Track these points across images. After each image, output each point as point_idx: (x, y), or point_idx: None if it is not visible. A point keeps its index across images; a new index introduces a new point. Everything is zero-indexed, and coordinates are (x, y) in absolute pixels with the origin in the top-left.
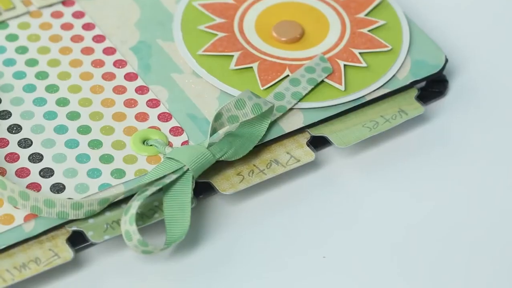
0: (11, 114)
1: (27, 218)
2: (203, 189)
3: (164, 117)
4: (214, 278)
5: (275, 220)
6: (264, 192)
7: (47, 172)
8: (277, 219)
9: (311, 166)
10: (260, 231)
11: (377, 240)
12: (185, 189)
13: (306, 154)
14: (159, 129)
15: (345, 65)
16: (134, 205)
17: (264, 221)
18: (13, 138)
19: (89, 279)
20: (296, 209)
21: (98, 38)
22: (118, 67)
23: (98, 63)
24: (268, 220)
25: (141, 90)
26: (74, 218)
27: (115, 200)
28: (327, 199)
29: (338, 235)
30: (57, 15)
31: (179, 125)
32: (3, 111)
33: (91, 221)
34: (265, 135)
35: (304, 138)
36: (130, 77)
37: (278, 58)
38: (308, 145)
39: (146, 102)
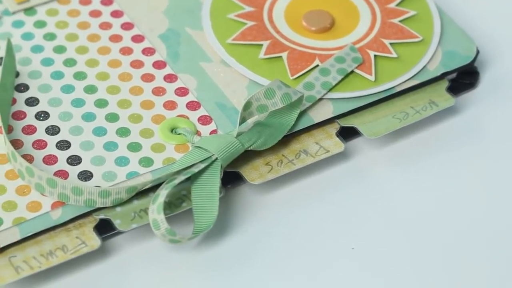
0: (38, 101)
1: (54, 206)
2: (231, 178)
3: (193, 105)
4: (241, 268)
5: (303, 211)
6: (292, 183)
7: (74, 160)
8: (305, 209)
9: (340, 157)
10: (288, 221)
11: (406, 232)
12: (214, 178)
13: (335, 145)
14: (187, 117)
15: (375, 56)
16: (162, 194)
17: (292, 211)
18: (41, 125)
19: (116, 267)
20: (325, 200)
21: (127, 26)
22: (147, 55)
23: (126, 51)
24: (296, 211)
25: (170, 78)
26: (102, 206)
27: (143, 189)
28: (356, 190)
29: (367, 227)
30: (85, 2)
31: (207, 114)
32: (31, 97)
33: (118, 209)
34: (294, 125)
35: (333, 128)
36: (158, 65)
37: (307, 47)
38: (337, 136)
39: (175, 91)
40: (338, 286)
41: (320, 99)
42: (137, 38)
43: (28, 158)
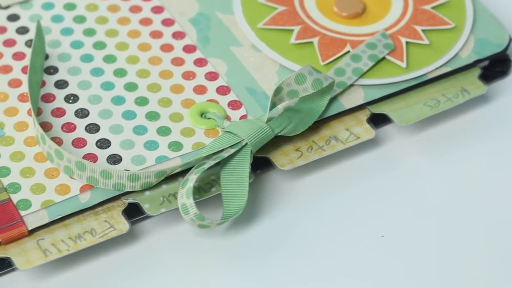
0: (68, 84)
1: (83, 189)
2: (260, 164)
3: (223, 90)
4: (269, 254)
5: (333, 198)
6: (322, 169)
7: (103, 143)
8: (335, 196)
9: (370, 143)
10: (317, 208)
11: (436, 220)
12: (243, 163)
13: (366, 131)
14: (217, 102)
15: (407, 42)
16: (192, 179)
17: (321, 198)
18: (70, 108)
19: (144, 252)
20: (354, 187)
21: (157, 9)
22: (177, 39)
23: (156, 34)
24: (326, 197)
25: (200, 62)
26: (131, 190)
27: (172, 173)
28: (386, 178)
29: (396, 214)
30: None
31: (237, 99)
32: (60, 80)
33: (147, 193)
34: (324, 111)
35: (364, 115)
36: (188, 49)
37: (339, 33)
38: (368, 122)
39: (205, 75)
40: (367, 273)
41: (351, 85)
42: (167, 22)
43: (57, 141)
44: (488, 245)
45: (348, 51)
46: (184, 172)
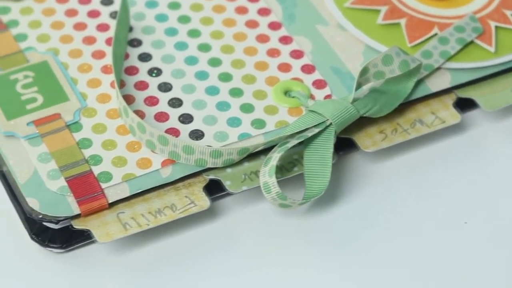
0: (151, 57)
1: (164, 164)
2: (343, 145)
3: (308, 69)
4: (349, 237)
5: (415, 182)
6: (406, 152)
7: (186, 118)
8: (418, 180)
9: (455, 128)
10: (400, 191)
11: None
12: (327, 144)
13: (451, 116)
14: (301, 81)
15: (496, 27)
16: (275, 157)
17: (404, 181)
18: (153, 81)
19: (223, 229)
20: (438, 172)
21: None
22: (262, 15)
23: (241, 10)
24: (408, 181)
25: (285, 40)
26: (212, 166)
27: (255, 151)
28: (471, 163)
29: (480, 201)
30: None
31: (322, 78)
32: (144, 53)
33: (229, 170)
34: (410, 93)
35: (450, 99)
36: (274, 26)
37: (426, 15)
38: (454, 107)
39: (290, 53)
40: (448, 259)
41: (438, 68)
42: None
43: (140, 114)
44: None
45: (436, 34)
46: (266, 150)
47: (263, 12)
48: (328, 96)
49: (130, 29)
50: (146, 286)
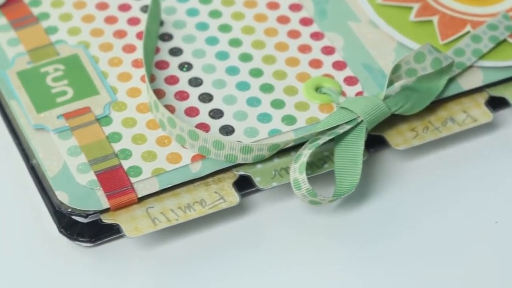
0: (182, 52)
1: (194, 159)
2: (374, 142)
3: (339, 65)
4: (378, 236)
5: (446, 180)
6: (436, 151)
7: (216, 113)
8: (448, 179)
9: (487, 127)
10: (430, 190)
11: None
12: (358, 141)
13: (483, 114)
14: (333, 77)
15: None
16: (305, 154)
17: (434, 180)
18: (184, 76)
19: (252, 225)
20: (469, 171)
21: None
22: (294, 11)
23: (273, 6)
24: (439, 180)
25: (316, 36)
26: (242, 162)
27: (285, 147)
28: (502, 163)
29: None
30: None
31: (353, 75)
32: (175, 47)
33: (259, 166)
34: (442, 91)
35: (482, 98)
36: (305, 21)
37: (459, 12)
38: (486, 105)
39: (321, 49)
40: (479, 259)
41: (470, 66)
42: None
43: (170, 109)
44: None
45: (468, 32)
46: (296, 146)
47: (295, 7)
48: (359, 93)
49: (161, 23)
50: (174, 280)
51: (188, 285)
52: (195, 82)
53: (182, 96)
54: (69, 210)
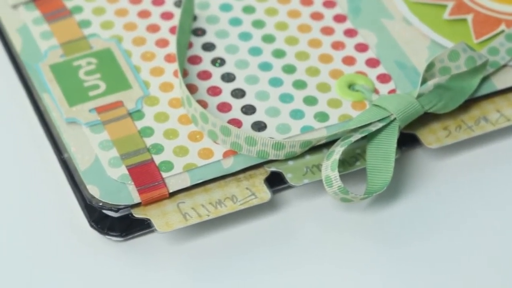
0: (215, 47)
1: (226, 155)
2: (406, 140)
3: (372, 62)
4: (409, 236)
5: (479, 180)
6: (469, 150)
7: (249, 109)
8: (481, 178)
9: None
10: (463, 189)
11: None
12: (390, 138)
13: None
14: (366, 74)
15: None
16: (338, 151)
17: (467, 179)
18: (217, 71)
19: (283, 222)
20: (504, 171)
21: None
22: (327, 7)
23: (307, 2)
24: (472, 179)
25: (350, 33)
26: (274, 158)
27: (317, 144)
28: None
29: None
30: None
31: (386, 72)
32: (208, 43)
33: (290, 163)
34: (475, 90)
35: None
36: (339, 18)
37: (493, 11)
38: None
39: (354, 46)
40: (509, 260)
41: (504, 65)
42: None
43: (203, 104)
44: None
45: (503, 31)
46: (328, 143)
47: (328, 4)
48: (392, 91)
49: (194, 18)
50: (204, 276)
51: (217, 280)
52: (228, 77)
53: (214, 91)
54: (100, 204)
